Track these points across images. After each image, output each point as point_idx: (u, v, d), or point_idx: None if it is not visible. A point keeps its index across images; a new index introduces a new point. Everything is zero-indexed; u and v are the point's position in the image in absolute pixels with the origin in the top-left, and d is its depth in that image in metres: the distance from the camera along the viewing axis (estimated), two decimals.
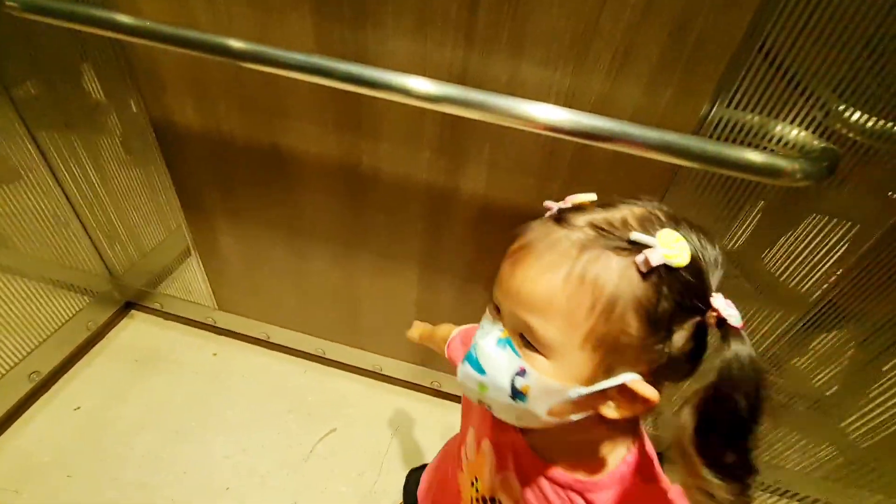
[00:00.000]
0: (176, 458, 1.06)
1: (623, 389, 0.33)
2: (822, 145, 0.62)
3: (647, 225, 0.32)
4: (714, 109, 0.62)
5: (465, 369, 0.38)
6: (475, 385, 0.37)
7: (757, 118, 0.62)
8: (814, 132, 0.62)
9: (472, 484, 0.50)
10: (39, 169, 1.01)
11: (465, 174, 0.78)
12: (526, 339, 0.34)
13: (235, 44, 0.64)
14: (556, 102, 0.65)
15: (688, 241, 0.31)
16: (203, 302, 1.24)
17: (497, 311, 0.37)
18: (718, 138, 0.64)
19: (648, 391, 0.32)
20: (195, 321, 1.31)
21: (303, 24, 0.67)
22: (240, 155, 0.86)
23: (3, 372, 1.03)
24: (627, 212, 0.34)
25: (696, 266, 0.31)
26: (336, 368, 1.28)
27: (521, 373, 0.34)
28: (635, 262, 0.30)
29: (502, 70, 0.65)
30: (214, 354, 1.29)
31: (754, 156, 0.60)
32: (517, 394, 0.34)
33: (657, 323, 0.31)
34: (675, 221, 0.33)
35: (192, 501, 1.00)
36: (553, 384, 0.33)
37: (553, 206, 0.37)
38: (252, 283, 1.14)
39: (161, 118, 0.85)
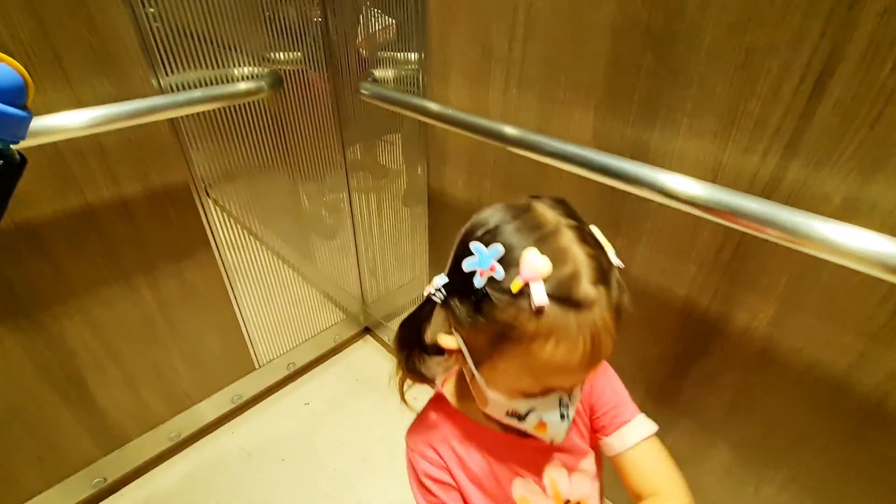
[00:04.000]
0: (356, 485, 1.13)
1: None
2: None
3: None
4: None
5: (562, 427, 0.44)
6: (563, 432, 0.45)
7: None
8: None
9: None
10: (346, 208, 1.30)
11: (742, 304, 0.62)
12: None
13: (509, 130, 0.68)
14: None
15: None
16: None
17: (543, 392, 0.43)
18: None
19: None
20: None
21: (584, 118, 0.66)
22: None
23: (272, 358, 1.30)
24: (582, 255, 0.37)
25: None
26: None
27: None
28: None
29: (836, 189, 0.49)
30: (415, 398, 1.36)
31: None
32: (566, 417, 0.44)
33: None
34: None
35: None
36: None
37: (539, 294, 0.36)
38: None
39: (437, 185, 0.98)
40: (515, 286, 0.36)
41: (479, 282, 0.38)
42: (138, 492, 1.11)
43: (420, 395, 0.57)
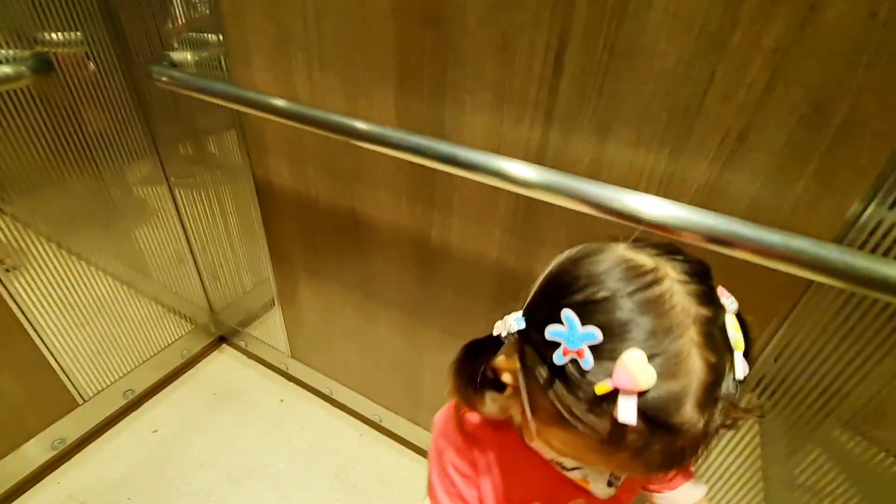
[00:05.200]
0: (226, 501, 1.06)
1: None
2: None
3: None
4: (868, 211, 0.47)
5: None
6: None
7: None
8: None
9: None
10: (171, 212, 1.16)
11: (538, 258, 0.70)
12: None
13: (317, 114, 0.67)
14: (649, 190, 0.56)
15: None
16: (279, 348, 1.28)
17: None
18: (874, 249, 0.49)
19: None
20: (270, 364, 1.36)
21: (385, 98, 0.68)
22: (323, 216, 0.89)
23: (104, 386, 1.14)
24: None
25: None
26: (390, 439, 1.20)
27: None
28: None
29: (584, 151, 0.58)
30: (281, 400, 1.30)
31: None
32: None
33: None
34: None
35: None
36: None
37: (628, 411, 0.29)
38: (324, 338, 1.15)
39: (262, 178, 0.93)
40: (601, 389, 0.29)
41: (559, 358, 0.31)
42: None
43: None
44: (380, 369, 1.09)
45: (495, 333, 0.37)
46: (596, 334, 0.30)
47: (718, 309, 0.32)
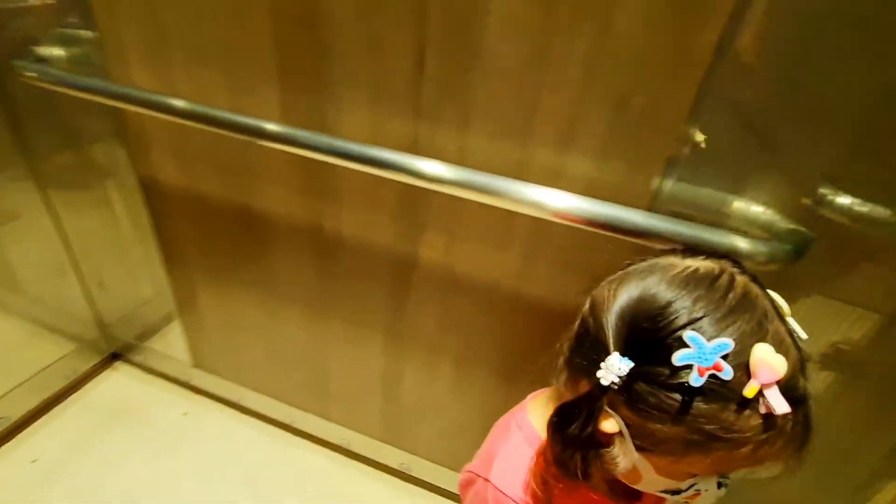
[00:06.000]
0: None
1: None
2: (791, 226, 0.57)
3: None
4: (665, 184, 0.59)
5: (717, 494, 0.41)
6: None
7: (715, 195, 0.59)
8: (786, 211, 0.58)
9: None
10: (44, 220, 1.08)
11: (424, 242, 0.76)
12: None
13: (199, 110, 0.69)
14: (506, 174, 0.64)
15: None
16: (181, 358, 1.22)
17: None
18: (677, 215, 0.60)
19: None
20: (172, 377, 1.29)
21: (269, 93, 0.71)
22: (216, 214, 0.89)
23: None
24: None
25: None
26: (303, 439, 1.20)
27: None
28: None
29: (450, 141, 0.65)
30: (185, 414, 1.25)
31: (710, 234, 0.55)
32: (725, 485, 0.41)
33: None
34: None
35: None
36: None
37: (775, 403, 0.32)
38: (228, 343, 1.13)
39: (148, 177, 0.90)
40: (750, 391, 0.31)
41: (696, 380, 0.32)
42: None
43: None
44: (287, 369, 1.09)
45: (603, 383, 0.35)
46: (728, 343, 0.32)
47: (762, 286, 0.36)
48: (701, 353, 0.32)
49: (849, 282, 0.62)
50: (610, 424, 0.37)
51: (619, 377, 0.35)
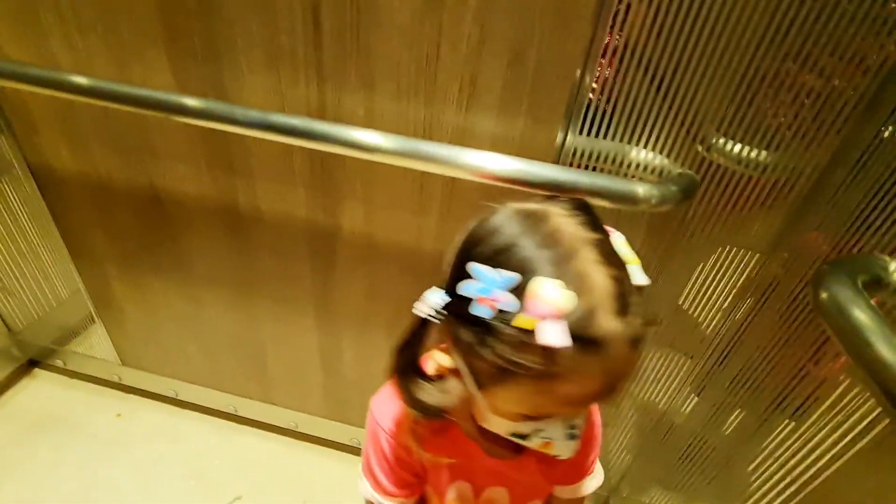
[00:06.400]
0: None
1: None
2: (680, 171, 0.61)
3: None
4: (568, 138, 0.61)
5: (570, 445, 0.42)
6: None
7: (614, 145, 0.61)
8: (677, 157, 0.61)
9: None
10: None
11: (342, 212, 0.75)
12: None
13: (81, 81, 0.63)
14: (414, 135, 0.64)
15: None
16: (106, 357, 1.16)
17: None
18: (579, 166, 0.63)
19: None
20: (100, 379, 1.22)
21: (159, 60, 0.66)
22: (120, 197, 0.83)
23: None
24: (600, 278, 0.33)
25: None
26: (250, 427, 1.18)
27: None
28: None
29: (358, 104, 0.64)
30: (118, 415, 1.18)
31: (608, 182, 0.58)
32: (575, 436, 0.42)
33: None
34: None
35: None
36: None
37: (552, 333, 0.31)
38: (153, 335, 1.07)
39: (38, 163, 0.83)
40: (522, 323, 0.31)
41: (480, 311, 0.32)
42: None
43: None
44: (221, 355, 1.05)
45: (416, 311, 0.37)
46: (511, 277, 0.32)
47: (605, 233, 0.36)
48: (484, 285, 0.32)
49: (734, 223, 0.67)
50: (444, 359, 0.40)
51: (435, 310, 0.37)
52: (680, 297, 0.75)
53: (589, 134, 0.61)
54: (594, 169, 0.63)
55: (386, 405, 0.51)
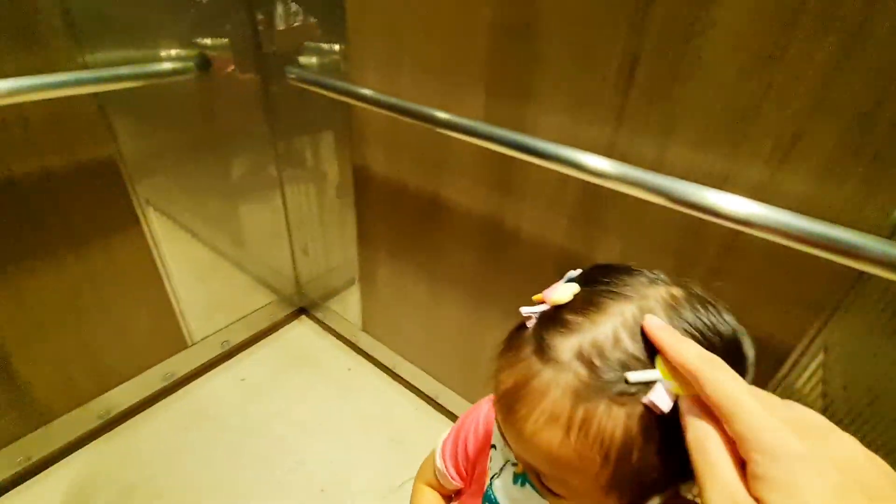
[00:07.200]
0: (294, 448, 1.21)
1: None
2: None
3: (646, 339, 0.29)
4: None
5: None
6: None
7: None
8: None
9: None
10: (277, 194, 1.36)
11: (598, 245, 0.78)
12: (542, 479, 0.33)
13: (420, 109, 0.81)
14: (708, 185, 0.63)
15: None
16: (352, 320, 1.43)
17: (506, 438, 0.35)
18: None
19: None
20: (343, 336, 1.51)
21: (476, 96, 0.80)
22: (407, 199, 1.03)
23: (206, 336, 1.34)
24: (619, 321, 0.30)
25: None
26: (444, 416, 1.30)
27: None
28: (644, 405, 0.28)
29: (649, 148, 0.66)
30: (349, 369, 1.45)
31: None
32: None
33: (683, 452, 0.27)
34: (681, 314, 0.30)
35: (291, 492, 1.11)
36: None
37: (531, 312, 0.34)
38: (393, 314, 1.28)
39: (360, 165, 1.08)
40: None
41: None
42: (64, 471, 1.11)
43: None
44: (442, 347, 1.20)
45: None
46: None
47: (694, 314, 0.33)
48: None
49: None
50: None
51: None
52: None
53: None
54: None
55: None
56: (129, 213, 1.03)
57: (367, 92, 0.89)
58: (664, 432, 0.28)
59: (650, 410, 0.27)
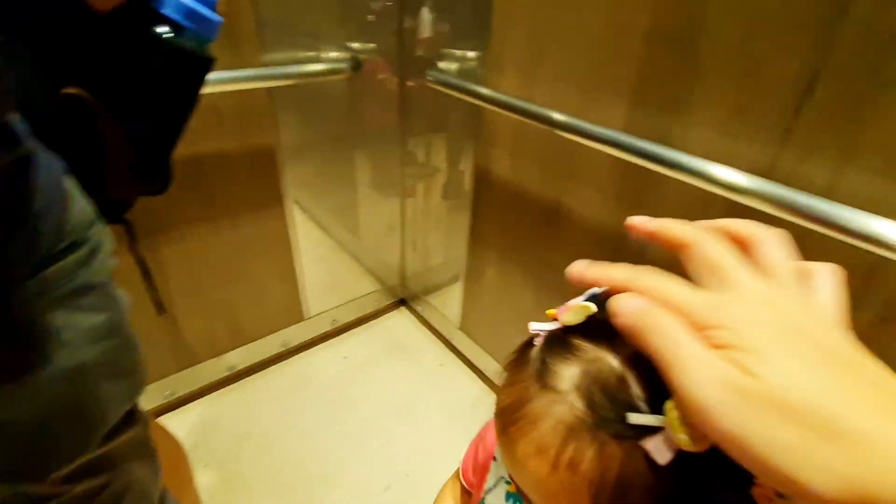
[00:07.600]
0: (383, 429, 1.27)
1: None
2: None
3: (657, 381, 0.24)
4: None
5: None
6: None
7: None
8: None
9: None
10: (396, 186, 1.45)
11: None
12: None
13: (556, 115, 0.81)
14: (890, 217, 0.56)
15: None
16: (450, 317, 1.47)
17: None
18: None
19: None
20: (437, 332, 1.56)
21: (618, 106, 0.79)
22: (526, 204, 1.03)
23: (320, 312, 1.47)
24: (631, 354, 0.27)
25: None
26: None
27: None
28: (643, 449, 0.25)
29: (819, 173, 0.60)
30: (441, 364, 1.49)
31: None
32: None
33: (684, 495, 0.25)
34: None
35: (379, 471, 1.17)
36: None
37: (539, 329, 0.31)
38: (494, 318, 1.30)
39: (482, 166, 1.11)
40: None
41: None
42: (196, 411, 1.29)
43: None
44: None
45: None
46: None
47: None
48: None
49: None
50: None
51: None
52: None
53: None
54: None
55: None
56: (276, 194, 1.16)
57: (495, 94, 0.91)
58: (667, 478, 0.25)
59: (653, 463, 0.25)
